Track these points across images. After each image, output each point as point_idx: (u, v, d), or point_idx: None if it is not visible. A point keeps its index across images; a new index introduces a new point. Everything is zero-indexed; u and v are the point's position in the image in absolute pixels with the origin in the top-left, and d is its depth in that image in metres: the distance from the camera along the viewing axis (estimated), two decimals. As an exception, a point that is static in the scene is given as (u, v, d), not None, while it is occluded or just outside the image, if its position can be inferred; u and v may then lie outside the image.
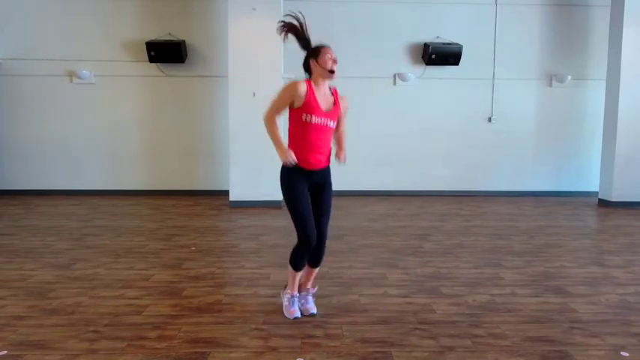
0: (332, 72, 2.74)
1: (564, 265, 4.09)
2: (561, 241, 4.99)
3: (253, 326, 2.77)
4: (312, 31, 2.84)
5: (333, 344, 2.55)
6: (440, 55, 7.75)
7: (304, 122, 2.71)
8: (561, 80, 8.15)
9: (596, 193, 7.82)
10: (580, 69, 8.21)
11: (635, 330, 2.77)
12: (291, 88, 2.72)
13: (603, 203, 7.43)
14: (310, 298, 3.00)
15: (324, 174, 2.87)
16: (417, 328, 2.76)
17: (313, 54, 2.80)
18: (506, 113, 8.20)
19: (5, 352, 2.42)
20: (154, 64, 7.82)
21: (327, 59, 2.75)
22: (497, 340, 2.62)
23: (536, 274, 3.84)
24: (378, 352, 2.47)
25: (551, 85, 8.25)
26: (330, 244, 4.62)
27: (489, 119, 8.23)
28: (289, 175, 2.79)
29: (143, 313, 2.94)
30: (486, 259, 4.25)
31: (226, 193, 7.11)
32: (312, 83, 2.78)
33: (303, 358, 2.40)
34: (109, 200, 7.44)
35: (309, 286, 3.03)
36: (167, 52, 7.60)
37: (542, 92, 8.27)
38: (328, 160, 2.87)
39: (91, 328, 2.71)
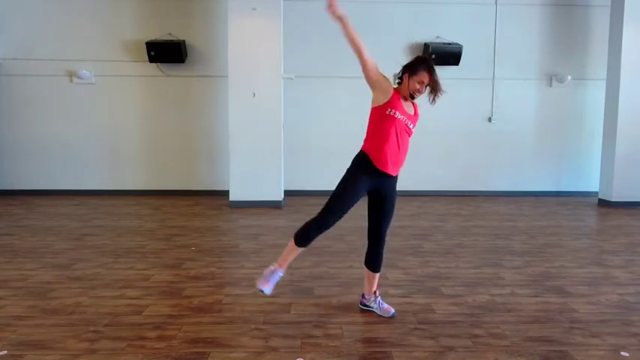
0: (412, 97, 2.79)
1: (564, 265, 4.09)
2: (561, 241, 4.99)
3: (253, 326, 2.77)
4: (313, 31, 2.85)
5: (333, 344, 2.55)
6: (440, 55, 7.74)
7: (388, 116, 2.71)
8: (561, 80, 8.14)
9: (596, 193, 7.82)
10: (580, 69, 8.21)
11: (635, 330, 2.77)
12: (385, 78, 2.77)
13: (603, 203, 7.43)
14: (380, 300, 3.00)
15: (392, 183, 2.86)
16: (417, 328, 2.76)
17: (410, 69, 2.79)
18: (506, 113, 8.19)
19: (5, 352, 2.42)
20: (154, 64, 7.82)
21: (415, 84, 2.75)
22: (497, 340, 2.62)
23: (536, 274, 3.84)
24: (378, 352, 2.47)
25: (551, 85, 8.25)
26: (330, 244, 4.65)
27: (489, 119, 8.23)
28: (358, 167, 2.78)
29: (143, 313, 2.94)
30: (486, 259, 4.25)
31: (226, 193, 7.11)
32: (399, 91, 2.81)
33: (303, 358, 2.40)
34: (109, 200, 7.44)
35: (374, 288, 3.02)
36: (167, 52, 7.59)
37: (542, 92, 8.27)
38: (399, 170, 2.87)
39: (91, 328, 2.71)
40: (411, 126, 2.81)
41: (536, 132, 8.31)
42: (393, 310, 2.93)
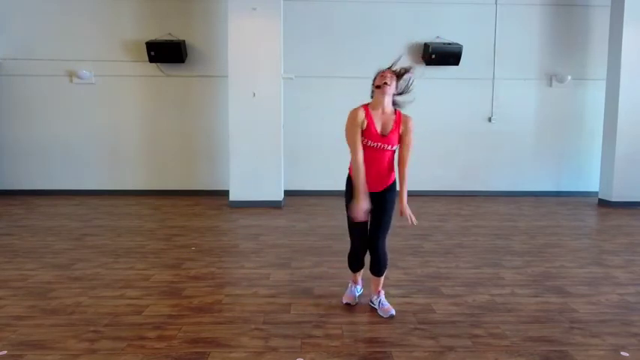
0: (378, 87, 2.81)
1: (564, 265, 4.09)
2: (561, 241, 4.99)
3: (253, 326, 2.77)
4: (313, 31, 2.87)
5: (333, 344, 2.55)
6: (440, 55, 7.75)
7: (364, 145, 2.81)
8: (561, 80, 8.14)
9: (596, 193, 7.82)
10: (580, 69, 8.21)
11: (635, 330, 2.77)
12: (352, 117, 2.81)
13: (603, 203, 7.43)
14: (382, 299, 3.03)
15: (383, 196, 2.92)
16: (417, 328, 2.76)
17: (374, 79, 2.90)
18: (506, 113, 8.19)
19: (5, 352, 2.43)
20: (154, 64, 7.82)
21: (379, 78, 2.84)
22: (497, 340, 2.62)
23: (536, 274, 3.84)
24: (378, 352, 2.47)
25: (551, 85, 8.25)
26: (330, 244, 4.65)
27: (489, 119, 8.23)
28: (349, 193, 2.91)
29: (143, 313, 2.94)
30: (486, 259, 4.25)
31: (226, 193, 7.11)
32: (369, 107, 2.85)
33: (303, 358, 2.40)
34: (109, 200, 7.44)
35: (379, 288, 3.06)
36: (167, 52, 7.59)
37: (542, 92, 8.27)
38: (388, 182, 2.93)
39: (91, 328, 2.71)
40: (388, 147, 2.82)
41: (536, 132, 8.31)
42: (392, 312, 2.94)
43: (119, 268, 3.89)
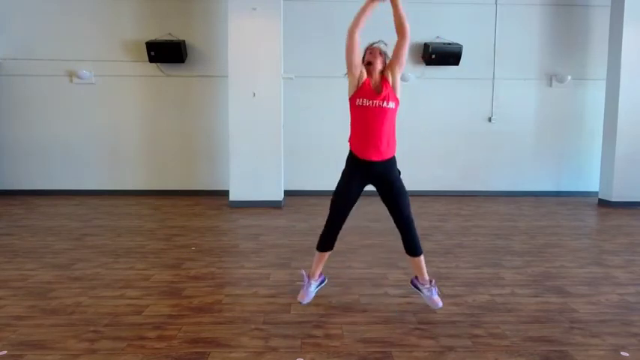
0: (368, 64, 2.90)
1: (564, 265, 4.09)
2: (561, 241, 4.99)
3: (253, 326, 2.77)
4: (313, 31, 2.91)
5: (333, 344, 2.55)
6: (440, 55, 7.75)
7: (357, 107, 2.85)
8: (561, 80, 8.14)
9: (596, 193, 7.82)
10: (580, 69, 8.21)
11: (635, 330, 2.77)
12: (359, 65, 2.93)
13: (603, 203, 7.43)
14: (434, 291, 2.97)
15: (386, 168, 2.91)
16: (417, 328, 2.76)
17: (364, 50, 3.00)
18: (506, 113, 8.19)
19: (5, 352, 2.42)
20: (154, 64, 7.82)
21: (367, 55, 2.95)
22: (497, 340, 2.62)
23: (536, 274, 3.84)
24: (378, 352, 2.47)
25: (551, 85, 8.25)
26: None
27: (489, 119, 8.23)
28: (347, 165, 2.96)
29: (143, 313, 2.94)
30: (486, 259, 4.25)
31: (226, 193, 7.11)
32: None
33: (303, 358, 2.40)
34: (109, 200, 7.44)
35: (425, 277, 3.01)
36: (167, 52, 7.59)
37: (542, 92, 8.27)
38: (388, 153, 2.91)
39: (91, 328, 2.71)
40: (385, 104, 2.85)
41: (536, 132, 8.31)
42: (440, 304, 2.94)
43: (119, 268, 3.89)
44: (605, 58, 7.56)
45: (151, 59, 7.63)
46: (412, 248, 2.98)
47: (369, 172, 2.90)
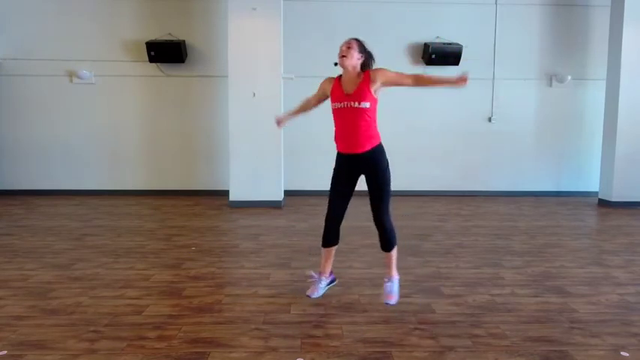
0: (341, 59, 2.97)
1: (564, 265, 4.09)
2: (561, 241, 4.99)
3: (253, 326, 2.77)
4: (313, 31, 2.94)
5: (333, 344, 2.55)
6: (440, 55, 7.75)
7: (334, 109, 3.02)
8: (561, 80, 8.14)
9: (596, 193, 7.81)
10: (580, 69, 8.21)
11: (635, 330, 2.77)
12: (321, 84, 3.25)
13: (603, 203, 7.43)
14: (389, 285, 3.05)
15: (367, 161, 2.96)
16: (417, 328, 2.76)
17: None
18: (506, 113, 8.19)
19: (5, 352, 2.43)
20: (153, 64, 7.82)
21: (339, 51, 3.00)
22: (497, 340, 2.62)
23: (536, 274, 3.84)
24: (378, 352, 2.47)
25: (551, 85, 8.25)
26: (330, 244, 4.63)
27: (489, 119, 8.23)
28: (336, 162, 3.09)
29: (143, 313, 2.94)
30: (486, 259, 4.25)
31: (226, 193, 7.11)
32: (342, 76, 3.05)
33: (303, 358, 2.40)
34: (109, 200, 7.44)
35: (391, 273, 3.10)
36: (167, 52, 7.59)
37: (542, 92, 8.27)
38: (370, 144, 2.95)
39: (91, 328, 2.71)
40: (356, 104, 2.88)
41: (536, 132, 8.31)
42: (392, 301, 2.98)
43: (119, 268, 3.89)
44: (605, 58, 7.56)
45: (151, 59, 7.63)
46: (382, 243, 3.08)
47: (357, 162, 2.98)
